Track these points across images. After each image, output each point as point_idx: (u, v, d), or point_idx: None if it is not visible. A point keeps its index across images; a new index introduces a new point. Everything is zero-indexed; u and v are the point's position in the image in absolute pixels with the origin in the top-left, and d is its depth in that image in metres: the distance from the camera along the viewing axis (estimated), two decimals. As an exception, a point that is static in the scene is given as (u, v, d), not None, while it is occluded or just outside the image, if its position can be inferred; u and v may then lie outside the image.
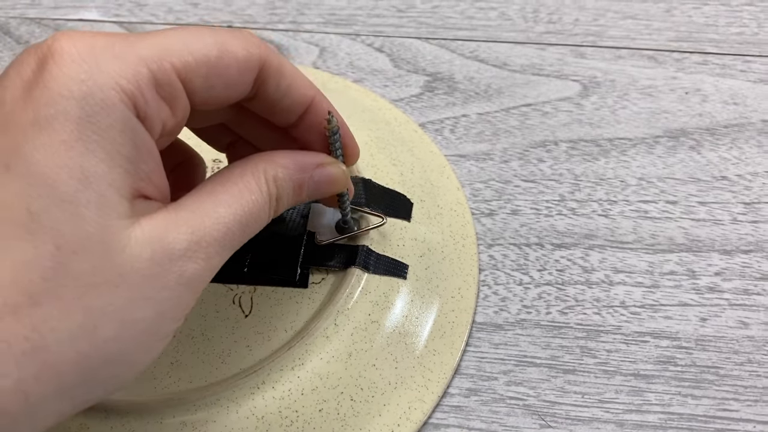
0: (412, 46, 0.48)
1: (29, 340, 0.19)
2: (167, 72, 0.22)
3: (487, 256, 0.38)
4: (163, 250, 0.22)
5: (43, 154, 0.20)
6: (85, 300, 0.20)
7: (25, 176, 0.20)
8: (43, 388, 0.20)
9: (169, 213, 0.23)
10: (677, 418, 0.32)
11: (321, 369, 0.31)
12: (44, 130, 0.20)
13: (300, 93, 0.27)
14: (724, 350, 0.34)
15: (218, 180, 0.25)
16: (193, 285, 0.23)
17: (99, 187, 0.21)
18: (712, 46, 0.47)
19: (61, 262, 0.20)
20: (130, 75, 0.21)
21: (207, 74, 0.24)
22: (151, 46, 0.22)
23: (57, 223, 0.20)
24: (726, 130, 0.42)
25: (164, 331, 0.23)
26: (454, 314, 0.34)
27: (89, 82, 0.21)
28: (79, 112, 0.20)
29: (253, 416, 0.30)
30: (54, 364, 0.20)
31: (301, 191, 0.28)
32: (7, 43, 0.50)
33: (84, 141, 0.20)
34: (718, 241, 0.37)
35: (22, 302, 0.19)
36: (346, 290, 0.33)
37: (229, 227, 0.24)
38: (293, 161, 0.27)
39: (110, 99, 0.21)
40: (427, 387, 0.32)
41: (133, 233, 0.21)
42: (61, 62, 0.21)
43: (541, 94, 0.45)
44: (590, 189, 0.40)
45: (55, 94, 0.20)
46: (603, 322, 0.35)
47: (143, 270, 0.21)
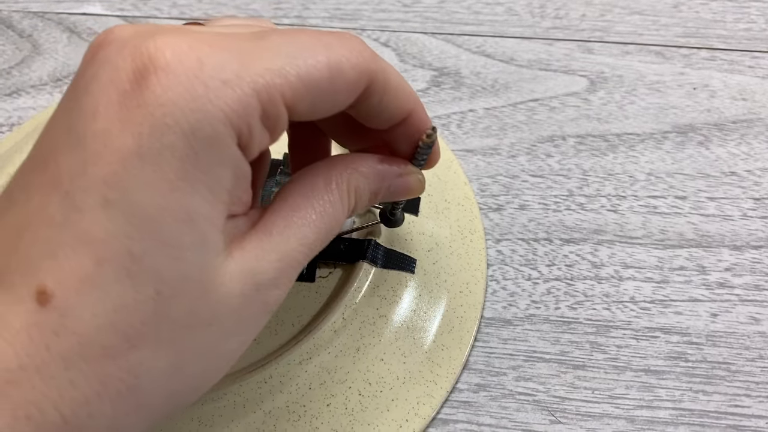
0: (418, 41, 0.48)
1: (124, 382, 0.19)
2: (277, 104, 0.21)
3: (495, 251, 0.37)
4: (254, 282, 0.21)
5: (146, 193, 0.19)
6: (180, 342, 0.20)
7: (128, 216, 0.19)
8: (133, 422, 0.20)
9: (258, 241, 0.22)
10: (688, 414, 0.32)
11: (329, 363, 0.31)
12: (148, 165, 0.19)
13: (400, 107, 0.25)
14: (735, 346, 0.34)
15: (303, 191, 0.24)
16: (273, 308, 0.23)
17: (201, 228, 0.20)
18: (720, 42, 0.46)
19: (160, 306, 0.19)
20: (241, 108, 0.20)
21: (314, 100, 0.22)
22: (264, 71, 0.20)
23: (158, 267, 0.19)
24: (735, 126, 0.42)
25: (240, 354, 0.23)
26: (462, 309, 0.34)
27: (198, 114, 0.19)
28: (186, 149, 0.19)
29: (260, 410, 0.30)
30: (146, 402, 0.20)
31: (375, 199, 0.26)
32: (9, 36, 0.49)
33: (190, 181, 0.19)
34: (728, 236, 0.37)
35: (120, 346, 0.19)
36: (354, 284, 0.32)
37: (311, 246, 0.23)
38: (375, 171, 0.26)
39: (219, 134, 0.19)
40: (435, 382, 0.32)
41: (227, 269, 0.21)
42: (166, 81, 0.19)
43: (548, 89, 0.45)
44: (599, 184, 0.40)
45: (161, 123, 0.19)
46: (613, 318, 0.35)
47: (234, 306, 0.21)
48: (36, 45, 0.49)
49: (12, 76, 0.47)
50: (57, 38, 0.49)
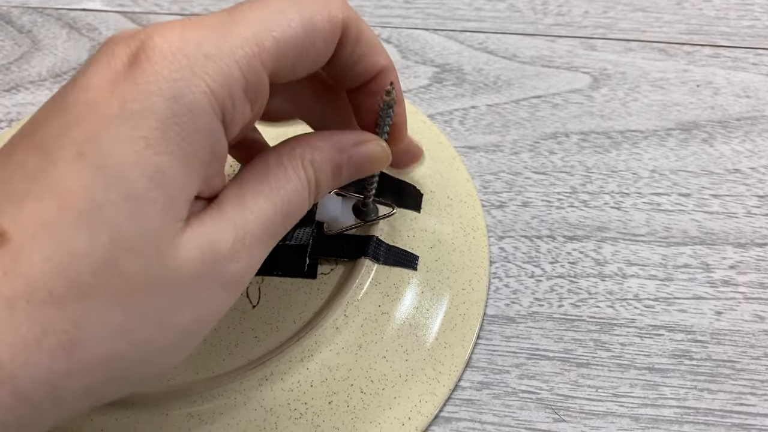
0: (420, 37, 0.48)
1: (67, 333, 0.19)
2: (258, 72, 0.21)
3: (498, 248, 0.37)
4: (211, 252, 0.21)
5: (121, 148, 0.19)
6: (129, 299, 0.20)
7: (98, 167, 0.19)
8: (73, 384, 0.19)
9: (214, 212, 0.22)
10: (693, 412, 0.31)
11: (330, 361, 0.31)
12: (127, 123, 0.19)
13: (372, 61, 0.26)
14: (740, 344, 0.33)
15: (256, 170, 0.24)
16: (234, 286, 0.22)
17: (170, 190, 0.20)
18: (724, 39, 0.46)
19: (113, 258, 0.19)
20: (222, 79, 0.20)
21: (293, 59, 0.23)
22: (243, 42, 0.21)
23: (118, 217, 0.19)
24: (738, 123, 0.42)
25: (199, 333, 0.23)
26: (465, 306, 0.34)
27: (180, 82, 0.20)
28: (167, 112, 0.20)
29: (261, 408, 0.30)
30: (87, 360, 0.19)
31: (339, 173, 0.26)
32: (9, 32, 0.49)
33: (166, 141, 0.20)
34: (733, 234, 0.37)
35: (67, 294, 0.19)
36: (356, 281, 0.32)
37: (270, 220, 0.23)
38: (329, 142, 0.26)
39: (200, 102, 0.20)
40: (438, 380, 0.32)
41: (184, 236, 0.21)
42: (153, 58, 0.20)
43: (551, 86, 0.44)
44: (602, 181, 0.39)
45: (144, 90, 0.20)
46: (616, 315, 0.34)
47: (189, 273, 0.21)
48: (35, 41, 0.49)
49: (11, 71, 0.47)
50: (56, 34, 0.49)
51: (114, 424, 0.29)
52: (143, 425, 0.29)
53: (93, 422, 0.30)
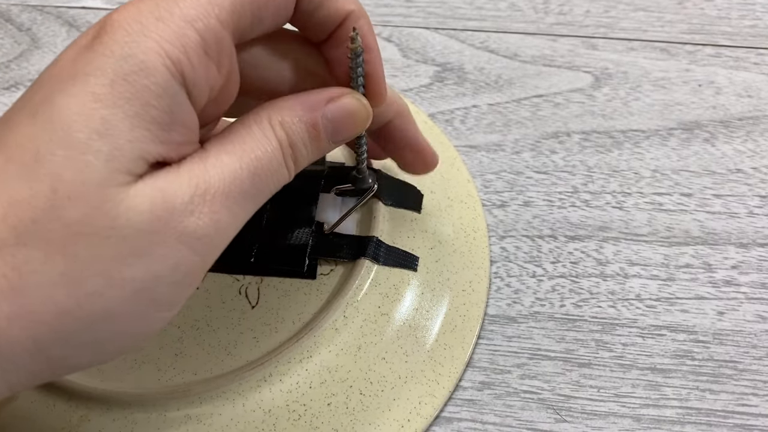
0: (420, 36, 0.47)
1: (8, 278, 0.19)
2: (215, 30, 0.21)
3: (499, 248, 0.37)
4: (164, 203, 0.21)
5: (69, 103, 0.20)
6: (72, 248, 0.20)
7: (45, 121, 0.20)
8: (16, 334, 0.19)
9: (171, 168, 0.22)
10: (695, 413, 0.31)
11: (330, 362, 0.30)
12: (78, 82, 0.20)
13: (335, 6, 0.25)
14: (742, 344, 0.33)
15: (222, 134, 0.24)
16: (197, 244, 0.21)
17: (115, 141, 0.20)
18: (725, 39, 0.46)
19: (54, 206, 0.19)
20: (175, 39, 0.21)
21: (252, 11, 0.22)
22: (196, 2, 0.21)
23: (59, 167, 0.20)
24: (740, 123, 0.41)
25: (163, 299, 0.22)
26: (465, 308, 0.33)
27: (132, 44, 0.20)
28: (116, 70, 0.20)
29: (259, 409, 0.29)
30: (30, 309, 0.19)
31: (317, 133, 0.25)
32: (8, 30, 0.49)
33: (114, 96, 0.20)
34: (735, 234, 0.37)
35: (7, 240, 0.19)
36: (356, 282, 0.32)
37: (236, 175, 0.22)
38: (299, 101, 0.25)
39: (151, 62, 0.20)
40: (437, 381, 0.31)
41: (135, 187, 0.20)
42: (111, 30, 0.21)
43: (552, 85, 0.44)
44: (604, 181, 0.39)
45: (98, 54, 0.20)
46: (618, 315, 0.34)
47: (139, 224, 0.20)
48: (35, 39, 0.49)
49: (11, 69, 0.47)
50: (56, 32, 0.49)
51: (111, 424, 0.29)
52: (141, 426, 0.29)
53: (90, 423, 0.29)
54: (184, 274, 0.22)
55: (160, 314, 0.22)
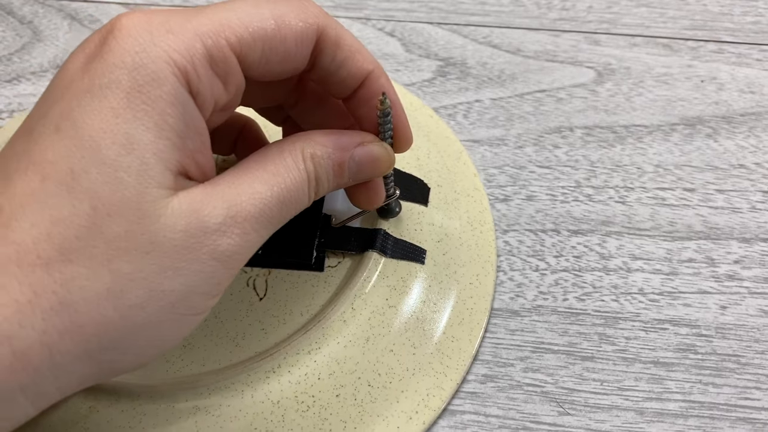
0: (423, 30, 0.47)
1: (57, 295, 0.20)
2: (222, 48, 0.22)
3: (503, 241, 0.37)
4: (198, 223, 0.22)
5: (91, 119, 0.21)
6: (115, 263, 0.21)
7: (72, 138, 0.21)
8: (67, 346, 0.20)
9: (206, 188, 0.23)
10: (698, 406, 0.32)
11: (338, 354, 0.31)
12: (96, 97, 0.21)
13: (357, 66, 0.26)
14: (744, 338, 0.33)
15: (255, 158, 0.25)
16: (227, 261, 0.23)
17: (142, 155, 0.21)
18: (728, 35, 0.46)
19: (96, 223, 0.20)
20: (184, 50, 0.22)
21: (263, 48, 0.24)
22: (207, 21, 0.22)
23: (95, 184, 0.20)
24: (743, 119, 0.42)
25: (195, 307, 0.23)
26: (472, 301, 0.34)
27: (142, 54, 0.21)
28: (131, 82, 0.21)
29: (268, 401, 0.30)
30: (79, 323, 0.20)
31: (341, 172, 0.27)
32: (10, 23, 0.49)
33: (132, 110, 0.21)
34: (737, 229, 0.37)
35: (54, 257, 0.20)
36: (364, 274, 0.32)
37: (266, 203, 0.24)
38: (332, 140, 0.27)
39: (162, 71, 0.21)
40: (445, 374, 0.32)
41: (170, 204, 0.21)
42: (120, 37, 0.21)
43: (555, 80, 0.44)
44: (606, 175, 0.39)
45: (110, 65, 0.21)
46: (621, 309, 0.34)
47: (176, 240, 0.21)
48: (37, 31, 0.48)
49: (12, 62, 0.47)
50: (58, 25, 0.49)
51: (120, 415, 0.29)
52: (150, 417, 0.29)
53: (99, 414, 0.30)
54: (215, 285, 0.23)
55: (191, 320, 0.23)
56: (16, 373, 0.20)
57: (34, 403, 0.21)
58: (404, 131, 0.29)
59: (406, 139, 0.29)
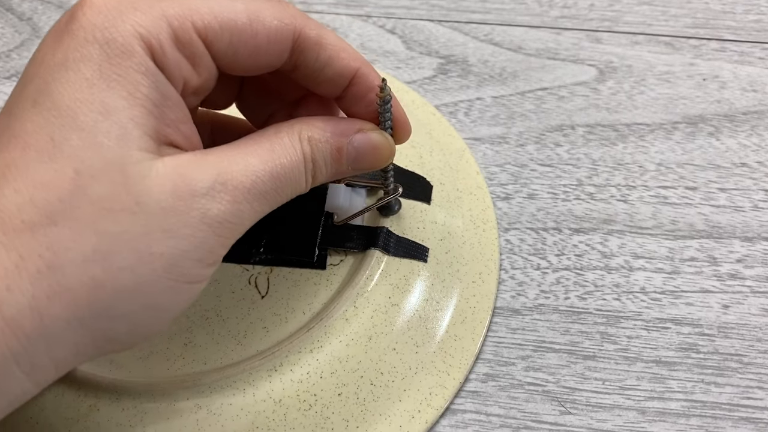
0: (424, 28, 0.47)
1: (43, 258, 0.20)
2: (188, 30, 0.23)
3: (504, 240, 0.37)
4: (186, 185, 0.22)
5: (67, 90, 0.21)
6: (101, 224, 0.21)
7: (50, 109, 0.21)
8: (57, 310, 0.20)
9: (195, 155, 0.23)
10: (700, 405, 0.31)
11: (340, 352, 0.30)
12: (70, 69, 0.21)
13: (342, 64, 0.26)
14: (747, 338, 0.33)
15: (251, 136, 0.25)
16: (219, 227, 0.23)
17: (118, 120, 0.21)
18: (730, 33, 0.46)
19: (79, 186, 0.20)
20: (149, 25, 0.22)
21: (231, 40, 0.24)
22: (175, 5, 0.23)
23: (77, 149, 0.21)
24: (745, 117, 0.42)
25: (189, 274, 0.23)
26: (475, 299, 0.34)
27: (111, 29, 0.22)
28: (102, 55, 0.22)
29: (270, 399, 0.29)
30: (67, 286, 0.20)
31: (340, 157, 0.27)
32: (9, 19, 0.49)
33: (105, 80, 0.21)
34: (739, 227, 0.37)
35: (39, 221, 0.20)
36: (366, 272, 0.32)
37: (258, 176, 0.23)
38: (331, 125, 0.27)
39: (130, 45, 0.22)
40: (448, 373, 0.31)
41: (154, 165, 0.22)
42: (89, 12, 0.22)
43: (556, 78, 0.44)
44: (608, 174, 0.39)
45: (81, 40, 0.22)
46: (623, 308, 0.34)
47: (163, 202, 0.21)
48: (36, 28, 0.48)
49: (11, 59, 0.47)
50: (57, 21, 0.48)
51: (121, 414, 0.29)
52: (150, 416, 0.29)
53: (99, 412, 0.29)
54: (208, 253, 0.23)
55: (188, 288, 0.23)
56: (6, 338, 0.20)
57: (30, 375, 0.21)
58: (403, 121, 0.29)
59: (405, 128, 0.29)
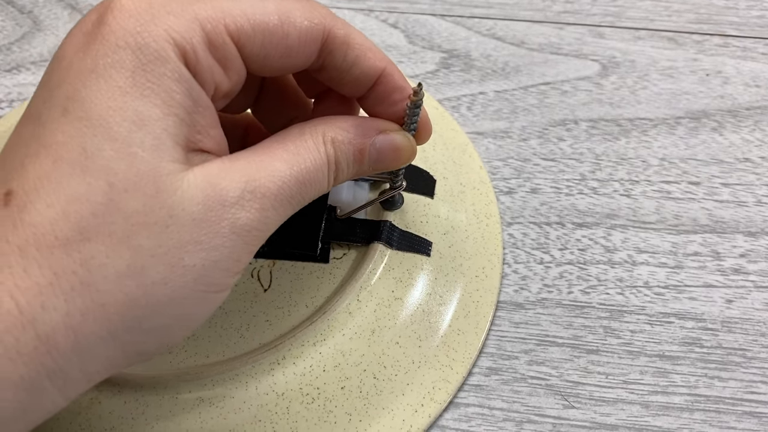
0: (427, 22, 0.47)
1: (77, 275, 0.20)
2: (221, 33, 0.22)
3: (507, 234, 0.37)
4: (217, 196, 0.22)
5: (99, 98, 0.21)
6: (134, 239, 0.20)
7: (82, 119, 0.20)
8: (91, 327, 0.20)
9: (224, 162, 0.23)
10: (704, 400, 0.31)
11: (343, 345, 0.30)
12: (101, 77, 0.21)
13: (369, 65, 0.26)
14: (750, 332, 0.33)
15: (275, 138, 0.25)
16: (247, 236, 0.23)
17: (153, 130, 0.21)
18: (733, 29, 0.46)
19: (112, 200, 0.20)
20: (183, 30, 0.22)
21: (263, 42, 0.23)
22: (208, 7, 0.22)
23: (110, 161, 0.20)
24: (748, 113, 0.42)
25: (217, 284, 0.22)
26: (478, 293, 0.33)
27: (144, 34, 0.21)
28: (135, 62, 0.21)
29: (273, 392, 0.29)
30: (101, 302, 0.20)
31: (362, 158, 0.27)
32: (9, 12, 0.48)
33: (139, 87, 0.21)
34: (743, 222, 0.37)
35: (72, 237, 0.20)
36: (369, 265, 0.32)
37: (285, 181, 0.23)
38: (354, 125, 0.26)
39: (164, 50, 0.21)
40: (451, 367, 0.31)
41: (185, 177, 0.21)
42: (119, 16, 0.21)
43: (559, 73, 0.44)
44: (611, 168, 0.39)
45: (112, 45, 0.21)
46: (626, 303, 0.34)
47: (195, 214, 0.21)
48: (36, 21, 0.48)
49: (12, 52, 0.46)
50: (58, 15, 0.48)
51: (123, 407, 0.29)
52: (152, 408, 0.29)
53: (101, 405, 0.29)
54: (235, 262, 0.23)
55: (214, 298, 0.23)
56: (41, 357, 0.19)
57: (62, 390, 0.20)
58: (427, 123, 0.29)
59: (428, 130, 0.29)
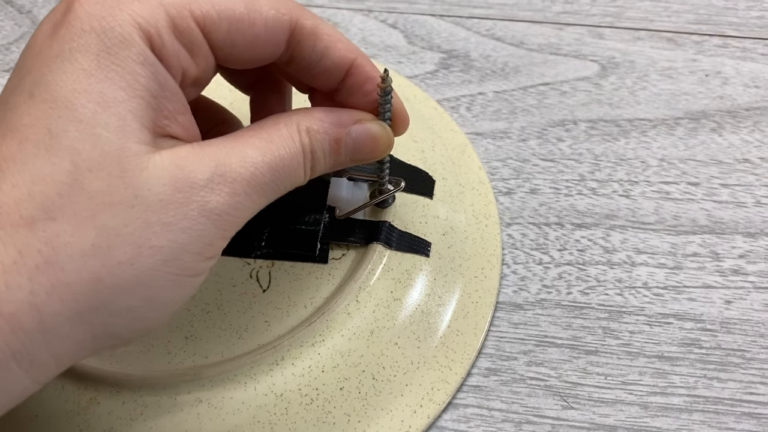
0: (426, 23, 0.47)
1: (42, 253, 0.20)
2: (186, 19, 0.23)
3: (506, 235, 0.37)
4: (185, 178, 0.22)
5: (64, 81, 0.21)
6: (99, 218, 0.20)
7: (47, 101, 0.21)
8: (56, 306, 0.20)
9: (194, 147, 0.23)
10: (703, 401, 0.31)
11: (342, 346, 0.30)
12: (66, 60, 0.21)
13: (338, 55, 0.26)
14: (749, 333, 0.33)
15: (249, 127, 0.25)
16: (217, 220, 0.22)
17: (117, 111, 0.21)
18: (732, 30, 0.46)
19: (77, 179, 0.20)
20: (148, 15, 0.22)
21: (229, 29, 0.24)
22: None
23: (74, 141, 0.20)
24: (747, 113, 0.42)
25: (189, 267, 0.22)
26: (477, 294, 0.33)
27: (109, 18, 0.21)
28: (99, 45, 0.21)
29: (271, 393, 0.29)
30: (66, 281, 0.20)
31: (338, 149, 0.27)
32: (8, 12, 0.48)
33: (104, 70, 0.21)
34: (742, 223, 0.37)
35: (37, 216, 0.20)
36: (368, 266, 0.32)
37: (257, 167, 0.23)
38: (329, 116, 0.26)
39: (128, 34, 0.21)
40: (450, 368, 0.31)
41: (152, 158, 0.21)
42: (85, 3, 0.22)
43: (559, 74, 0.44)
44: (610, 169, 0.39)
45: (78, 30, 0.21)
46: (625, 303, 0.34)
47: (161, 194, 0.21)
48: (35, 21, 0.48)
49: (11, 51, 0.46)
50: (57, 14, 0.48)
51: (121, 407, 0.29)
52: (151, 409, 0.29)
53: (100, 405, 0.29)
54: (207, 246, 0.23)
55: (190, 280, 0.23)
56: (5, 336, 0.19)
57: (29, 373, 0.20)
58: (401, 111, 0.29)
59: (404, 119, 0.29)
